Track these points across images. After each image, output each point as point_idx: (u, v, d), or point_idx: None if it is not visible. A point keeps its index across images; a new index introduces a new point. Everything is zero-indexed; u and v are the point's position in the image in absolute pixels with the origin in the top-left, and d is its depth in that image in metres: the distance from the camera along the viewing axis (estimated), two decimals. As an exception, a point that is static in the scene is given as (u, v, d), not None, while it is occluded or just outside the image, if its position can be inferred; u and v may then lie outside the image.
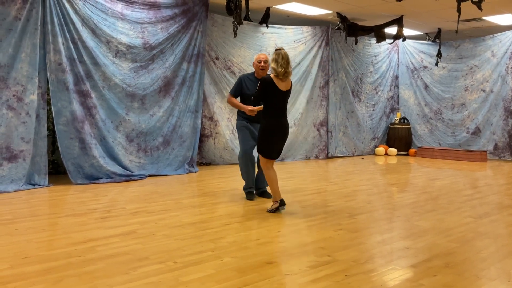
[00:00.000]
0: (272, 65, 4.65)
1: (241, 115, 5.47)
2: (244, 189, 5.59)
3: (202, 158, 8.49)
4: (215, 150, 8.54)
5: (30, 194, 5.59)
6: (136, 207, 4.93)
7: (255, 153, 5.31)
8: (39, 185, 5.98)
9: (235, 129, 5.72)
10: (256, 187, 5.59)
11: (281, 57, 4.59)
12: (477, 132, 10.79)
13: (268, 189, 5.52)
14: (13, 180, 5.76)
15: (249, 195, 5.50)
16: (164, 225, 4.19)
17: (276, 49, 4.69)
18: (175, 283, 2.81)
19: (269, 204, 5.09)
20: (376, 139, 11.59)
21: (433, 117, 11.50)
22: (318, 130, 10.05)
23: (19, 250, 3.40)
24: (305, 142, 9.91)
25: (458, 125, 11.12)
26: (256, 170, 5.55)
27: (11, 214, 4.55)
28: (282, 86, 4.66)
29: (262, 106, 4.85)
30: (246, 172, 5.46)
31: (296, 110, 9.67)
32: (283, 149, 5.17)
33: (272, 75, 4.66)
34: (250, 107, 5.03)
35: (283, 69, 4.58)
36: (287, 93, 4.75)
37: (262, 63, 5.38)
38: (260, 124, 4.82)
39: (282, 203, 4.76)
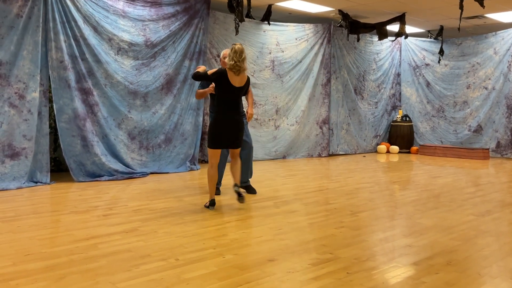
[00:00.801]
0: (226, 59, 4.74)
1: (213, 110, 5.36)
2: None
3: (203, 156, 8.49)
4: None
5: (32, 191, 5.60)
6: (138, 205, 4.94)
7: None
8: (41, 182, 5.99)
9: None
10: (241, 181, 5.53)
11: (234, 51, 4.61)
12: (479, 130, 10.77)
13: (243, 182, 5.52)
14: (15, 177, 5.77)
15: (250, 189, 5.61)
16: (166, 223, 4.20)
17: (232, 44, 4.72)
18: (177, 280, 2.82)
19: (270, 199, 5.08)
20: (378, 137, 11.58)
21: (435, 115, 11.48)
22: (320, 128, 10.04)
23: (21, 247, 3.41)
24: (307, 140, 9.90)
25: (460, 122, 11.10)
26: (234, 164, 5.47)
27: (14, 211, 4.56)
28: (234, 81, 4.66)
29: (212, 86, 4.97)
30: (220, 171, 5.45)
31: (297, 107, 9.65)
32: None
33: (226, 68, 4.68)
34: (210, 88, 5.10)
35: (233, 62, 4.59)
36: (240, 89, 4.75)
37: (222, 58, 5.44)
38: (210, 117, 4.84)
39: (211, 203, 4.77)
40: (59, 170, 6.89)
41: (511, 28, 10.20)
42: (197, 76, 4.74)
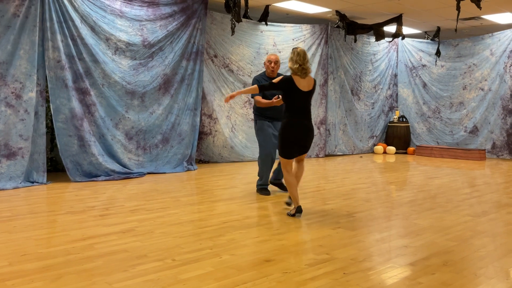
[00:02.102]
0: (289, 64, 4.53)
1: (261, 114, 5.50)
2: (258, 185, 5.72)
3: (200, 155, 8.49)
4: (214, 148, 8.54)
5: (29, 191, 5.58)
6: (135, 205, 4.93)
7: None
8: (38, 182, 5.98)
9: (255, 129, 5.69)
10: (276, 177, 5.72)
11: (296, 54, 4.46)
12: (475, 130, 10.81)
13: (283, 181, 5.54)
14: (12, 177, 5.75)
15: (263, 191, 5.63)
16: (162, 223, 4.20)
17: (293, 49, 4.59)
18: (174, 281, 2.82)
19: (267, 200, 5.08)
20: (375, 138, 11.60)
21: (431, 116, 11.51)
22: (318, 128, 10.05)
23: (17, 248, 3.40)
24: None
25: (456, 123, 11.13)
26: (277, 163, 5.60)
27: (10, 211, 4.55)
28: (302, 85, 4.47)
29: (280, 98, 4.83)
30: (264, 172, 5.61)
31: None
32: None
33: (291, 74, 4.51)
34: (273, 100, 5.02)
35: (298, 65, 4.44)
36: (309, 93, 4.55)
37: (272, 64, 5.45)
38: (281, 124, 4.64)
39: (298, 210, 4.52)
40: (56, 170, 6.88)
41: (508, 29, 10.24)
42: (263, 87, 4.63)
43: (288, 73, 4.68)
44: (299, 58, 4.45)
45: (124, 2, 6.83)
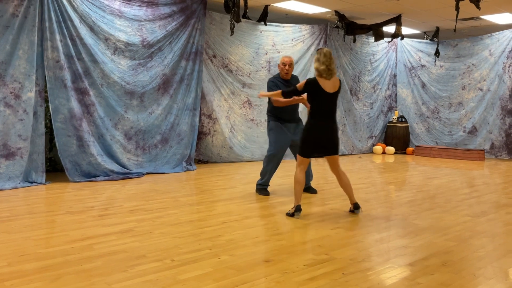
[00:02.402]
0: (315, 65, 4.49)
1: (275, 115, 5.50)
2: (258, 184, 5.69)
3: (199, 155, 8.49)
4: (213, 148, 8.54)
5: (28, 191, 5.58)
6: (134, 205, 4.93)
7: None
8: (37, 182, 5.97)
9: (267, 129, 5.67)
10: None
11: (323, 55, 4.43)
12: (473, 131, 10.81)
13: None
14: (11, 177, 5.74)
15: (262, 191, 5.63)
16: (161, 223, 4.19)
17: (318, 49, 4.57)
18: (173, 281, 2.81)
19: (266, 200, 5.08)
20: (374, 138, 11.60)
21: (430, 116, 11.52)
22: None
23: (16, 248, 3.40)
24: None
25: (455, 124, 11.14)
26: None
27: (9, 211, 4.54)
28: (327, 87, 4.44)
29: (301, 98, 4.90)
30: (268, 171, 5.58)
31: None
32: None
33: (316, 76, 4.48)
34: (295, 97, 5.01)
35: (325, 66, 4.40)
36: (334, 95, 4.52)
37: (287, 67, 5.42)
38: (305, 125, 4.67)
39: (297, 209, 4.56)
40: (55, 170, 6.87)
41: (507, 29, 10.24)
42: (287, 94, 4.65)
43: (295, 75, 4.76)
44: (326, 59, 4.42)
45: (123, 2, 6.82)
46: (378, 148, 11.33)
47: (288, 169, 8.04)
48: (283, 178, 6.91)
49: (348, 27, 9.62)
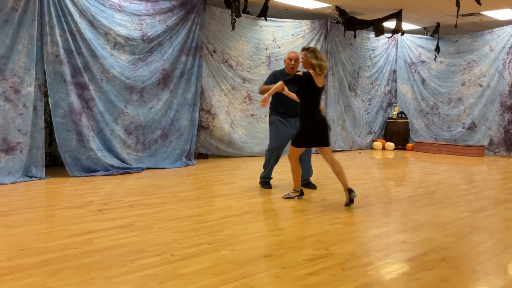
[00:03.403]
0: (313, 61, 4.73)
1: (276, 110, 5.63)
2: (261, 177, 5.81)
3: (198, 147, 8.45)
4: (211, 140, 8.50)
5: (27, 186, 5.58)
6: (134, 200, 4.93)
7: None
8: (36, 177, 5.98)
9: (268, 124, 5.81)
10: (302, 178, 5.73)
11: (319, 52, 4.78)
12: (472, 127, 10.80)
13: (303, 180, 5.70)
14: (10, 172, 5.74)
15: (266, 184, 5.75)
16: (161, 218, 4.20)
17: (309, 48, 4.83)
18: (172, 276, 2.82)
19: (266, 195, 5.08)
20: (373, 133, 11.59)
21: (429, 112, 11.51)
22: (316, 124, 10.03)
23: (16, 242, 3.40)
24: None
25: (454, 120, 11.13)
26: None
27: (8, 206, 4.55)
28: (318, 82, 4.77)
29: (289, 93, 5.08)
30: (269, 164, 5.70)
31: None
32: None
33: (310, 71, 4.76)
34: (280, 87, 4.90)
35: (322, 61, 4.74)
36: (323, 89, 4.92)
37: (293, 62, 5.53)
38: (303, 122, 4.88)
39: (301, 193, 5.11)
40: (54, 165, 6.87)
41: (507, 25, 10.22)
42: (287, 81, 4.84)
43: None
44: (322, 56, 4.78)
45: (123, -4, 6.80)
46: (378, 144, 11.33)
47: (288, 165, 8.04)
48: (283, 174, 6.91)
49: (349, 23, 9.60)
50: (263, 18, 8.91)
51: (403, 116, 11.66)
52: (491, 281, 2.89)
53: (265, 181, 5.78)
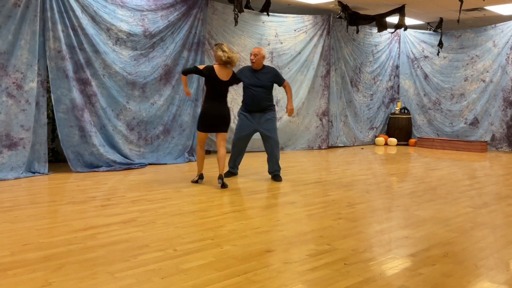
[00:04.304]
0: (218, 53, 5.30)
1: (243, 104, 6.02)
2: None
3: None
4: (213, 136, 8.47)
5: (30, 181, 5.60)
6: (136, 195, 4.94)
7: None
8: (39, 172, 5.99)
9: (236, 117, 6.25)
10: (268, 171, 6.11)
11: (225, 46, 5.32)
12: (475, 122, 10.77)
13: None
14: (13, 167, 5.76)
15: (228, 174, 6.09)
16: (164, 213, 4.21)
17: (219, 43, 5.43)
18: (175, 271, 2.83)
19: (268, 191, 5.09)
20: (375, 129, 11.57)
21: (431, 107, 11.48)
22: (320, 119, 10.02)
23: (19, 237, 3.42)
24: (307, 132, 9.88)
25: (456, 115, 11.09)
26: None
27: (11, 201, 4.56)
28: (222, 75, 5.32)
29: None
30: (234, 156, 6.13)
31: (299, 99, 9.63)
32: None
33: (215, 64, 5.33)
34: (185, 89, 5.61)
35: (227, 56, 5.25)
36: (227, 83, 5.39)
37: (252, 56, 5.92)
38: (201, 108, 5.55)
39: (200, 176, 5.61)
40: (57, 160, 6.88)
41: (511, 20, 10.17)
42: (187, 70, 5.53)
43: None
44: (229, 50, 5.31)
45: (125, -8, 6.79)
46: (381, 139, 11.31)
47: (291, 160, 8.06)
48: (286, 169, 6.91)
49: (351, 18, 9.56)
50: (266, 13, 8.89)
51: (405, 111, 11.63)
52: (493, 276, 2.89)
53: (228, 171, 6.13)
